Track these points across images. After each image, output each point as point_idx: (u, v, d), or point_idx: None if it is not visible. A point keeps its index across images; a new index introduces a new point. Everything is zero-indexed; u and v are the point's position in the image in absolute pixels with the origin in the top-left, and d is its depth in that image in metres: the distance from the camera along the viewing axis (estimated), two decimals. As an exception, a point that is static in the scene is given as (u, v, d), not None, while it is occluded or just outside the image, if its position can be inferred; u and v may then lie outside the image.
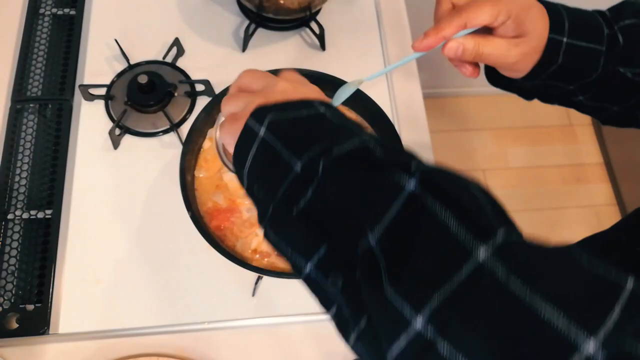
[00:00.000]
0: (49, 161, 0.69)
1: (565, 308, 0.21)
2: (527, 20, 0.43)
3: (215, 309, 0.64)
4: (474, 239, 0.24)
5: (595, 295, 0.22)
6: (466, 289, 0.23)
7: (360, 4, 0.84)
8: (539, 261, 0.24)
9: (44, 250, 0.64)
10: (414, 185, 0.26)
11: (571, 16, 0.45)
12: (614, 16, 0.47)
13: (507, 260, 0.23)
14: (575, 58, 0.45)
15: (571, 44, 0.44)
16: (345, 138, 0.31)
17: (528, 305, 0.22)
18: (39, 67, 0.75)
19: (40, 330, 0.60)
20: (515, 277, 0.22)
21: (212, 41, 0.79)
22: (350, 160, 0.30)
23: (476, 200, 0.26)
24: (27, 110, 0.72)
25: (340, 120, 0.34)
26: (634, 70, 0.46)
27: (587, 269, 0.23)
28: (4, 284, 0.62)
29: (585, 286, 0.23)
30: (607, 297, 0.22)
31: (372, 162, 0.29)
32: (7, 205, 0.66)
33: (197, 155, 0.65)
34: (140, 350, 0.61)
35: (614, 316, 0.21)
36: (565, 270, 0.23)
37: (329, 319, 0.30)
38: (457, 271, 0.23)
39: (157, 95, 0.72)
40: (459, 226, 0.24)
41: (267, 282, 0.65)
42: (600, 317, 0.21)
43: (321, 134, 0.32)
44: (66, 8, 0.79)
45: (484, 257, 0.23)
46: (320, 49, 0.79)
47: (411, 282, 0.25)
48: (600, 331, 0.20)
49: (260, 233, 0.61)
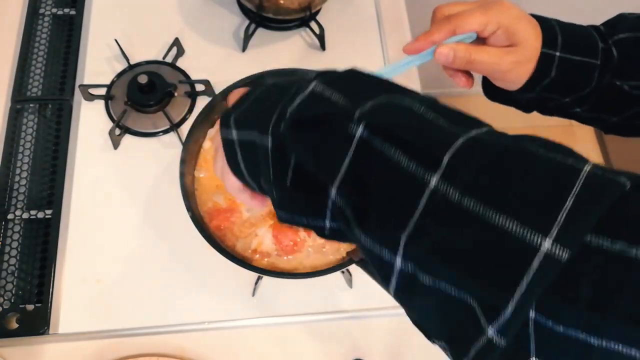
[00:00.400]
0: (49, 161, 0.69)
1: (518, 214, 0.22)
2: (517, 31, 0.44)
3: (215, 309, 0.64)
4: (424, 170, 0.24)
5: (548, 191, 0.22)
6: (426, 220, 0.24)
7: (360, 4, 0.84)
8: (491, 168, 0.24)
9: (44, 250, 0.64)
10: (360, 133, 0.27)
11: (565, 30, 0.45)
12: (608, 31, 0.47)
13: (457, 181, 0.24)
14: (568, 71, 0.45)
15: (564, 57, 0.45)
16: (295, 93, 0.31)
17: (483, 220, 0.22)
18: (39, 67, 0.75)
19: (40, 330, 0.60)
20: (468, 195, 0.23)
21: (212, 41, 0.79)
22: (301, 121, 0.30)
23: (421, 128, 0.27)
24: (27, 110, 0.72)
25: (289, 79, 0.34)
26: (630, 83, 0.46)
27: (542, 158, 0.24)
28: (4, 284, 0.62)
29: (538, 181, 0.23)
30: (560, 189, 0.22)
31: (319, 118, 0.29)
32: (7, 205, 0.66)
33: (197, 155, 0.65)
34: (140, 350, 0.61)
35: (566, 210, 0.21)
36: (520, 168, 0.23)
37: None
38: (415, 206, 0.24)
39: (157, 95, 0.72)
40: (409, 162, 0.25)
41: (267, 282, 0.65)
42: (552, 213, 0.21)
43: (275, 100, 0.32)
44: (66, 8, 0.79)
45: (435, 183, 0.24)
46: (320, 49, 0.79)
47: (380, 226, 0.26)
48: (553, 229, 0.21)
49: (260, 233, 0.61)
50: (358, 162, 0.27)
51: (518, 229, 0.21)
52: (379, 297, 0.64)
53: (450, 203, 0.23)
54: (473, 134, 0.25)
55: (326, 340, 0.63)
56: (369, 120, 0.27)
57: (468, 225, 0.23)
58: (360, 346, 0.63)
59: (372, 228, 0.26)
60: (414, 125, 0.27)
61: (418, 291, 0.25)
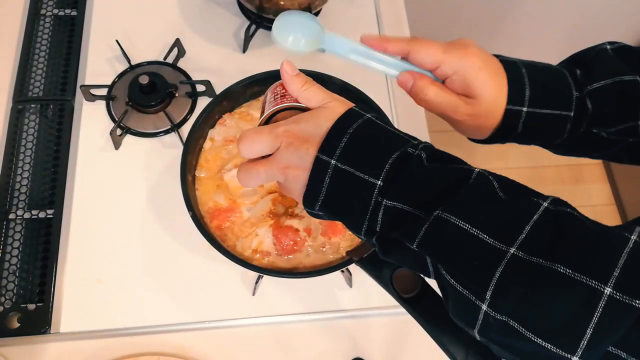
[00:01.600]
0: (51, 161, 0.69)
1: (550, 339, 0.28)
2: (475, 83, 0.41)
3: (216, 308, 0.64)
4: (476, 298, 0.31)
5: (573, 316, 0.28)
6: (485, 328, 0.31)
7: (360, 5, 0.84)
8: (526, 300, 0.29)
9: (45, 249, 0.65)
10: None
11: (534, 80, 0.42)
12: (583, 78, 0.43)
13: (502, 310, 0.30)
14: (537, 125, 0.43)
15: (532, 112, 0.42)
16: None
17: (527, 337, 0.29)
18: (40, 67, 0.75)
19: (42, 329, 0.61)
20: (512, 320, 0.30)
21: (212, 42, 0.80)
22: (387, 238, 0.36)
23: (467, 264, 0.32)
24: (29, 111, 0.72)
25: (351, 166, 0.35)
26: (608, 130, 0.43)
27: (570, 281, 0.28)
28: (5, 284, 0.62)
29: (566, 310, 0.28)
30: (584, 313, 0.27)
31: (397, 240, 0.35)
32: (8, 205, 0.67)
33: (197, 155, 0.65)
34: (141, 349, 0.61)
35: (587, 337, 0.27)
36: (551, 298, 0.29)
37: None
38: (476, 317, 0.31)
39: (158, 96, 0.73)
40: (462, 289, 0.32)
41: (267, 282, 0.65)
42: (578, 339, 0.28)
43: (353, 204, 0.36)
44: (67, 9, 0.79)
45: (486, 309, 0.30)
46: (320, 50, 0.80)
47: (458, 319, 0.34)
48: (578, 351, 0.28)
49: (260, 233, 0.61)
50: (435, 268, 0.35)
51: (553, 348, 0.28)
52: (378, 297, 0.65)
53: (500, 322, 0.30)
54: (512, 252, 0.30)
55: (326, 339, 0.63)
56: (425, 250, 0.33)
57: (518, 337, 0.29)
58: (360, 345, 0.63)
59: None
60: (458, 254, 0.32)
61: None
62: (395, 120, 0.76)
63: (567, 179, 1.68)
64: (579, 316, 0.27)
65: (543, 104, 0.42)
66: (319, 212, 0.37)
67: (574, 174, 1.68)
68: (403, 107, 0.77)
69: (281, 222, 0.62)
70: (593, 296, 0.27)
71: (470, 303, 0.30)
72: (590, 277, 0.27)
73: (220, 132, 0.67)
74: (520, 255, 0.29)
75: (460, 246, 0.31)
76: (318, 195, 0.36)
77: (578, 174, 1.68)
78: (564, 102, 0.43)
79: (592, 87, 0.43)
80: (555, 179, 1.66)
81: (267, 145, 0.38)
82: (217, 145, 0.66)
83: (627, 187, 1.61)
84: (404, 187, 0.34)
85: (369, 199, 0.34)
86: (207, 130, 0.66)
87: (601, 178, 1.69)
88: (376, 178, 0.34)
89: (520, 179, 0.34)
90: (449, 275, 0.32)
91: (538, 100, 0.42)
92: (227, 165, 0.65)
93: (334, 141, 0.35)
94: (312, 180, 0.36)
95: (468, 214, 0.31)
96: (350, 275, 0.64)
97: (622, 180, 1.63)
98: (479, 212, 0.31)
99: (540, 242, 0.30)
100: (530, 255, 0.29)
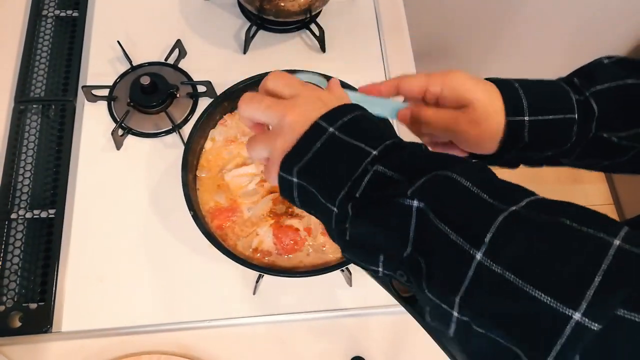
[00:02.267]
0: (52, 161, 0.70)
1: (552, 289, 0.26)
2: (463, 90, 0.43)
3: (217, 308, 0.64)
4: (470, 246, 0.29)
5: (580, 266, 0.26)
6: (474, 288, 0.29)
7: (359, 6, 0.85)
8: (528, 247, 0.28)
9: (47, 249, 0.65)
10: (416, 205, 0.32)
11: (529, 91, 0.43)
12: (584, 83, 0.44)
13: (499, 258, 0.28)
14: (543, 132, 0.43)
15: (535, 120, 0.43)
16: (361, 174, 0.34)
17: (523, 292, 0.26)
18: (42, 68, 0.75)
19: (43, 328, 0.61)
20: (509, 271, 0.27)
21: (213, 43, 0.80)
22: (367, 204, 0.34)
23: (465, 205, 0.31)
24: (31, 111, 0.73)
25: (349, 137, 0.36)
26: (619, 134, 0.43)
27: (575, 234, 0.27)
28: (7, 283, 0.63)
29: (570, 257, 0.26)
30: (590, 266, 0.25)
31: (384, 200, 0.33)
32: (10, 205, 0.67)
33: (198, 155, 0.66)
34: (142, 348, 0.62)
35: (594, 287, 0.25)
36: (553, 245, 0.27)
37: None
38: (465, 274, 0.29)
39: (160, 96, 0.73)
40: (457, 236, 0.29)
41: (267, 281, 0.66)
42: (582, 290, 0.25)
43: (339, 167, 0.35)
44: (69, 10, 0.80)
45: (480, 258, 0.28)
46: (320, 51, 0.80)
47: (439, 286, 0.31)
48: (582, 304, 0.25)
49: (260, 232, 0.62)
50: (420, 229, 0.31)
51: (553, 302, 0.26)
52: (378, 296, 0.65)
53: (494, 275, 0.28)
54: (513, 209, 0.29)
55: (326, 338, 0.64)
56: (421, 197, 0.31)
57: (509, 296, 0.27)
58: (360, 344, 0.64)
59: (434, 285, 0.31)
60: (459, 202, 0.31)
61: (474, 334, 0.29)
62: (394, 122, 0.76)
63: (566, 179, 1.68)
64: (587, 265, 0.26)
65: (544, 111, 0.43)
66: (293, 177, 0.37)
67: (573, 174, 1.69)
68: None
69: (281, 221, 0.62)
70: (602, 247, 0.26)
71: (464, 253, 0.29)
72: (599, 230, 0.27)
73: (221, 133, 0.67)
74: (522, 212, 0.29)
75: (461, 198, 0.31)
76: (302, 158, 0.36)
77: (576, 174, 1.69)
78: (565, 106, 0.43)
79: (596, 89, 0.43)
80: (553, 179, 1.67)
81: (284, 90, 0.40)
82: (218, 145, 0.67)
83: (625, 187, 1.62)
84: (400, 159, 0.34)
85: (358, 164, 0.34)
86: (208, 130, 0.67)
87: (599, 178, 1.70)
88: (373, 148, 0.35)
89: (519, 179, 0.34)
90: (442, 222, 0.30)
91: (538, 109, 0.43)
92: (228, 165, 0.66)
93: (339, 114, 0.37)
94: (301, 142, 0.36)
95: (467, 175, 0.31)
96: (350, 274, 0.65)
97: (620, 180, 1.64)
98: (475, 176, 0.32)
99: (541, 206, 0.29)
100: (532, 210, 0.29)
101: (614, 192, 1.66)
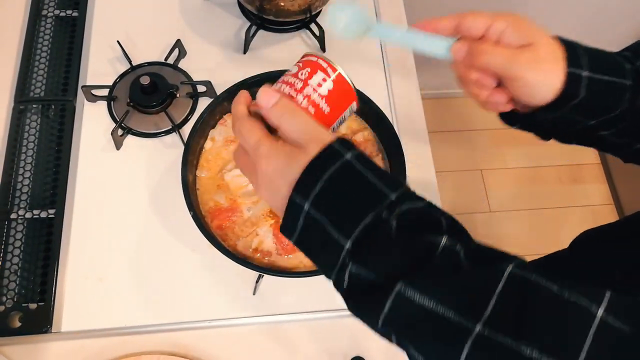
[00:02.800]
0: (52, 161, 0.70)
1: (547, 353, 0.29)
2: (529, 28, 0.43)
3: (217, 308, 0.64)
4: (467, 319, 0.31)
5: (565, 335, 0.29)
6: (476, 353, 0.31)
7: (359, 5, 0.85)
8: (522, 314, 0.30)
9: (46, 249, 0.65)
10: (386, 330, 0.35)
11: (587, 51, 0.44)
12: (633, 55, 0.45)
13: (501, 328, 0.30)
14: (598, 92, 0.43)
15: (592, 77, 0.43)
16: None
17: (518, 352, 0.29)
18: (41, 68, 0.75)
19: (43, 328, 0.61)
20: (503, 335, 0.30)
21: (213, 43, 0.80)
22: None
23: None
24: (30, 111, 0.73)
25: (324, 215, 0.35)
26: None
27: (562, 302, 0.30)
28: (7, 283, 0.63)
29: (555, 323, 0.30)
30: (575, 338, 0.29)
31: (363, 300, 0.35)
32: (10, 205, 0.67)
33: (198, 155, 0.66)
34: (142, 348, 0.62)
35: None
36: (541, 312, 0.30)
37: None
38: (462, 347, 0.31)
39: (159, 96, 0.73)
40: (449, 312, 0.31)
41: (267, 281, 0.66)
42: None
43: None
44: (69, 10, 0.80)
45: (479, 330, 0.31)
46: (320, 51, 0.80)
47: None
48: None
49: (260, 232, 0.62)
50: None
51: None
52: (378, 296, 0.65)
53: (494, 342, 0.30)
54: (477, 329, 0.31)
55: (326, 338, 0.64)
56: (391, 326, 0.34)
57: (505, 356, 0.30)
58: (360, 344, 0.64)
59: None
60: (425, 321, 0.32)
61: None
62: (394, 121, 0.76)
63: (566, 179, 1.68)
64: None
65: (601, 71, 0.43)
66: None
67: (573, 174, 1.69)
68: (403, 107, 0.78)
69: (282, 221, 0.62)
70: None
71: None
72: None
73: (221, 133, 0.67)
74: (486, 334, 0.30)
75: (426, 325, 0.32)
76: (293, 233, 0.36)
77: (577, 174, 1.69)
78: (619, 70, 0.43)
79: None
80: (554, 179, 1.67)
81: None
82: (217, 145, 0.67)
83: (625, 187, 1.62)
84: (371, 254, 0.34)
85: (337, 258, 0.35)
86: (208, 130, 0.67)
87: (600, 178, 1.70)
88: (346, 237, 0.34)
89: (519, 179, 0.34)
90: (418, 353, 0.33)
91: (595, 66, 0.43)
92: (228, 165, 0.66)
93: (308, 184, 0.35)
94: (286, 220, 0.36)
95: (431, 291, 0.32)
96: (350, 274, 0.65)
97: (621, 180, 1.64)
98: (443, 288, 0.32)
99: (507, 316, 0.31)
100: (497, 331, 0.30)
101: (614, 192, 1.66)
